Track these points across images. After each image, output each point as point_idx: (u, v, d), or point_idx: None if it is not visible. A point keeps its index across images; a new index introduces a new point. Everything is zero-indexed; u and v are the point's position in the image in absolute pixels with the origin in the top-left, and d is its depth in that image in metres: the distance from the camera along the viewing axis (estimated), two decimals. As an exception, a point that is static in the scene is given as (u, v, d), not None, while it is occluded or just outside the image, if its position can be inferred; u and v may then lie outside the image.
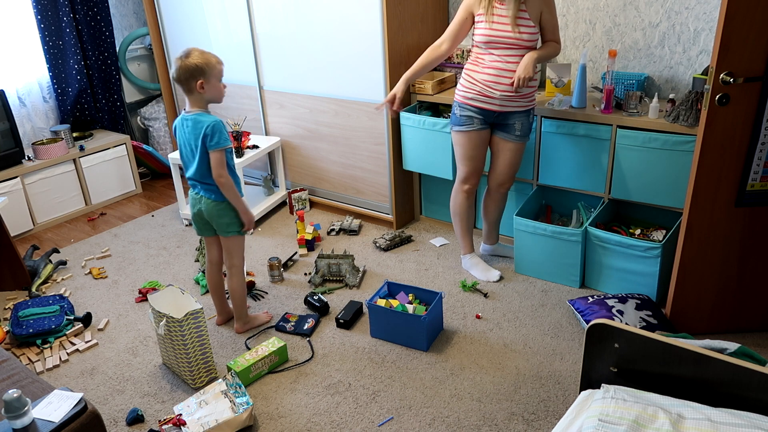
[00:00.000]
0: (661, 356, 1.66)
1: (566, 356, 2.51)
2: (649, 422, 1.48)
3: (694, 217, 2.36)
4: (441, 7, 3.50)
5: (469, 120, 2.80)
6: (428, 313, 2.55)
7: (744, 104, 2.17)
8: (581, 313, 2.66)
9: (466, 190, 2.99)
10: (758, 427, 1.42)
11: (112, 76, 4.53)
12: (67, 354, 2.70)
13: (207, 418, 2.17)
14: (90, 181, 4.22)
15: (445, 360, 2.53)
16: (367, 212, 3.75)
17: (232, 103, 4.17)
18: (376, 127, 3.46)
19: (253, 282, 3.11)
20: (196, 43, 4.18)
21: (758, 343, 2.51)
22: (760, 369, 1.53)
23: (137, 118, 4.88)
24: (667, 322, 2.54)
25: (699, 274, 2.47)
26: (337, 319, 2.79)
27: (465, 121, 2.81)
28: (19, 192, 3.83)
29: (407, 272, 3.20)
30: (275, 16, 3.66)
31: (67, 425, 1.69)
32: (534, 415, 2.22)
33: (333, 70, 3.53)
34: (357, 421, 2.24)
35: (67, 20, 4.15)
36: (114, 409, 2.37)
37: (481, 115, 2.78)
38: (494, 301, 2.91)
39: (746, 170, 2.28)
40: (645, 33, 2.98)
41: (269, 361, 2.51)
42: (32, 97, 4.21)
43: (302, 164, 3.98)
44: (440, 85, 3.39)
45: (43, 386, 1.94)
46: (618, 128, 2.77)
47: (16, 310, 2.86)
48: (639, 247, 2.70)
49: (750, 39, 2.07)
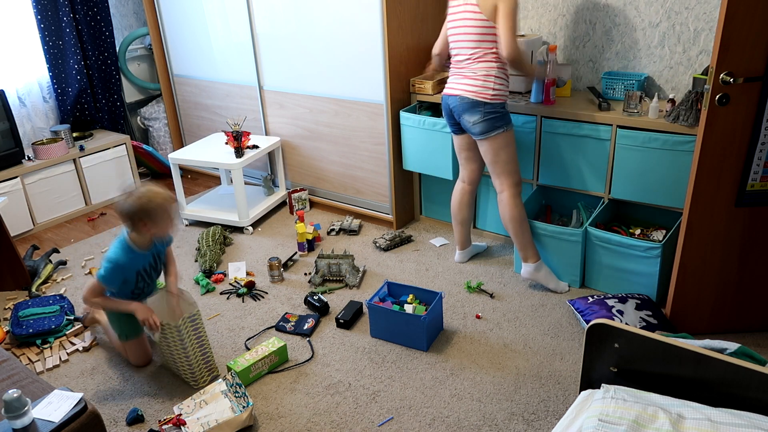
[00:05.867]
0: (661, 356, 1.66)
1: (566, 356, 2.51)
2: (649, 422, 1.48)
3: (694, 217, 2.36)
4: (441, 7, 3.50)
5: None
6: (428, 313, 2.55)
7: (744, 104, 2.17)
8: (581, 313, 2.66)
9: (520, 192, 2.88)
10: (758, 427, 1.42)
11: (112, 76, 4.53)
12: (67, 354, 2.70)
13: (207, 418, 2.17)
14: (90, 181, 4.22)
15: (445, 360, 2.53)
16: (367, 212, 3.75)
17: (232, 103, 4.18)
18: (376, 127, 3.46)
19: (253, 282, 3.11)
20: (196, 42, 4.19)
21: (758, 343, 2.51)
22: (760, 369, 1.53)
23: (137, 118, 4.88)
24: (667, 322, 2.54)
25: (699, 274, 2.47)
26: (337, 319, 2.79)
27: (511, 119, 2.82)
28: (19, 192, 3.83)
29: (407, 272, 3.20)
30: (275, 16, 3.66)
31: (67, 425, 1.69)
32: (534, 415, 2.22)
33: (333, 70, 3.53)
34: (357, 421, 2.24)
35: (67, 20, 4.15)
36: (114, 409, 2.37)
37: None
38: (494, 301, 2.91)
39: (746, 170, 2.28)
40: (645, 33, 2.98)
41: (269, 361, 2.51)
42: (32, 97, 4.21)
43: (302, 164, 3.98)
44: (440, 85, 3.39)
45: (43, 386, 1.94)
46: (618, 128, 2.77)
47: (16, 310, 2.86)
48: (639, 247, 2.70)
49: (750, 39, 2.07)
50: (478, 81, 2.71)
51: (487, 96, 2.70)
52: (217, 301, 3.05)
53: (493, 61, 2.70)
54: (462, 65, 2.77)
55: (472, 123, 2.75)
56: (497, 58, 2.69)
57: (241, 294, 3.08)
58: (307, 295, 2.97)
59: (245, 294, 3.09)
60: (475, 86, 2.71)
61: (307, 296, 2.96)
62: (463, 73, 2.77)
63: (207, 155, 3.77)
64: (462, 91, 2.75)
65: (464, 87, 2.75)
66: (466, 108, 2.75)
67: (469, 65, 2.74)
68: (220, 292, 3.13)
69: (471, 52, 2.71)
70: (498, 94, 2.72)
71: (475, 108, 2.72)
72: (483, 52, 2.69)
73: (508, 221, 2.88)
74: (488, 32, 2.65)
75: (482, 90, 2.70)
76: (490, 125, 2.73)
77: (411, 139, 3.35)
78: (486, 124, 2.73)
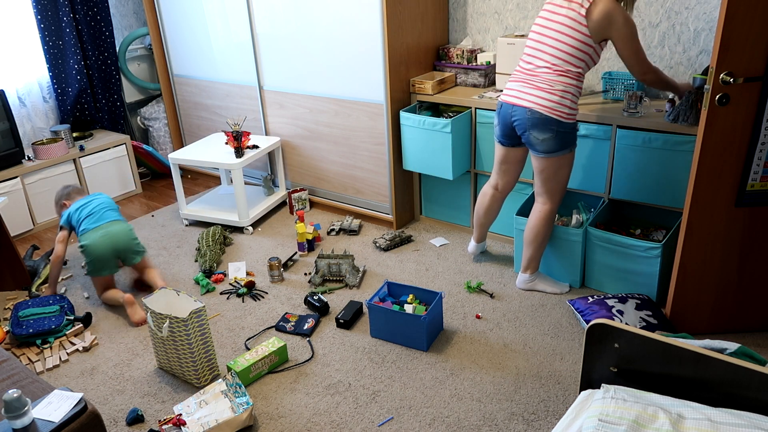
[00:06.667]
0: (661, 356, 1.66)
1: (566, 356, 2.51)
2: (649, 422, 1.48)
3: (694, 217, 2.36)
4: (441, 7, 3.50)
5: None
6: (428, 313, 2.55)
7: (744, 104, 2.17)
8: (581, 313, 2.66)
9: (557, 210, 2.82)
10: (758, 427, 1.42)
11: (112, 76, 4.53)
12: (67, 354, 2.70)
13: (207, 418, 2.17)
14: (90, 181, 4.22)
15: (445, 360, 2.53)
16: (367, 212, 3.75)
17: (232, 103, 4.18)
18: (376, 127, 3.46)
19: (253, 282, 3.11)
20: (196, 42, 4.19)
21: (758, 343, 2.52)
22: (760, 369, 1.53)
23: (137, 118, 4.88)
24: (667, 322, 2.54)
25: (699, 274, 2.47)
26: (337, 319, 2.79)
27: (577, 139, 2.71)
28: (19, 192, 3.83)
29: (407, 272, 3.20)
30: (275, 16, 3.66)
31: (67, 425, 1.69)
32: (534, 415, 2.22)
33: (333, 70, 3.53)
34: (357, 421, 2.24)
35: (67, 20, 4.15)
36: (114, 409, 2.37)
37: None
38: (494, 301, 2.91)
39: (746, 170, 2.28)
40: (645, 33, 2.98)
41: (269, 361, 2.51)
42: (32, 97, 4.21)
43: (302, 164, 3.98)
44: (440, 85, 3.39)
45: (43, 386, 1.94)
46: (618, 128, 2.77)
47: (16, 310, 2.86)
48: (639, 247, 2.70)
49: (750, 39, 2.07)
50: (554, 96, 2.50)
51: (563, 114, 2.51)
52: (217, 301, 3.06)
53: (574, 78, 2.50)
54: (535, 73, 2.55)
55: (541, 140, 2.56)
56: (579, 76, 2.51)
57: (241, 294, 3.08)
58: (307, 295, 2.97)
59: (245, 294, 3.09)
60: (550, 101, 2.50)
61: (307, 296, 2.96)
62: (534, 83, 2.54)
63: (207, 155, 3.77)
64: (534, 104, 2.53)
65: (537, 100, 2.52)
66: (536, 123, 2.53)
67: (544, 75, 2.52)
68: (220, 292, 3.13)
69: (554, 61, 2.49)
70: (573, 113, 2.55)
71: (548, 125, 2.52)
72: (569, 66, 2.48)
73: (534, 233, 2.81)
74: (584, 49, 2.46)
75: (558, 107, 2.50)
76: (559, 144, 2.56)
77: (411, 139, 3.35)
78: (555, 143, 2.56)
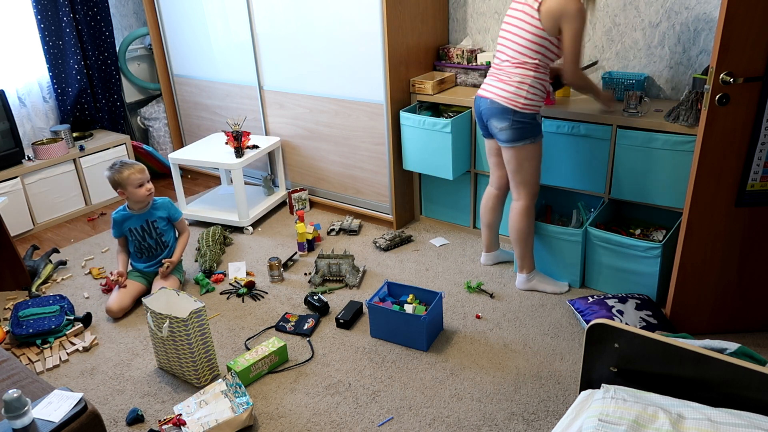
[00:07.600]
0: (661, 356, 1.66)
1: (566, 356, 2.51)
2: (649, 422, 1.48)
3: (694, 217, 2.36)
4: (441, 7, 3.50)
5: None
6: (428, 313, 2.55)
7: (744, 104, 2.17)
8: (581, 313, 2.66)
9: (534, 204, 2.84)
10: (758, 427, 1.42)
11: (112, 76, 4.53)
12: (67, 354, 2.70)
13: (207, 418, 2.17)
14: (90, 181, 4.22)
15: (445, 360, 2.53)
16: (367, 212, 3.75)
17: (232, 103, 4.18)
18: (376, 127, 3.46)
19: (253, 282, 3.11)
20: (196, 42, 4.19)
21: (758, 343, 2.51)
22: (760, 369, 1.53)
23: (137, 118, 4.88)
24: (667, 322, 2.54)
25: (699, 274, 2.47)
26: (337, 319, 2.79)
27: (541, 131, 2.73)
28: (19, 192, 3.83)
29: (407, 272, 3.20)
30: (275, 16, 3.66)
31: (67, 425, 1.69)
32: (534, 415, 2.22)
33: (333, 70, 3.53)
34: (357, 421, 2.24)
35: (67, 20, 4.15)
36: (114, 409, 2.37)
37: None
38: (494, 301, 2.91)
39: (746, 170, 2.28)
40: (645, 33, 2.98)
41: (269, 361, 2.51)
42: (32, 97, 4.21)
43: (302, 164, 3.98)
44: (440, 85, 3.39)
45: (43, 386, 1.94)
46: (618, 128, 2.77)
47: (16, 310, 2.86)
48: (639, 247, 2.70)
49: (750, 39, 2.07)
50: (511, 87, 2.60)
51: (518, 104, 2.59)
52: (217, 301, 3.05)
53: (531, 70, 2.57)
54: (500, 67, 2.67)
55: (499, 129, 2.66)
56: (537, 68, 2.57)
57: (241, 294, 3.08)
58: (307, 295, 2.97)
59: (245, 294, 3.09)
60: (507, 92, 2.61)
61: (307, 296, 2.96)
62: (498, 76, 2.66)
63: (207, 155, 3.77)
64: (493, 94, 2.65)
65: (496, 91, 2.65)
66: (494, 113, 2.65)
67: (506, 68, 2.63)
68: (220, 292, 3.13)
69: (513, 54, 2.60)
70: (530, 104, 2.60)
71: (504, 114, 2.62)
72: (525, 58, 2.57)
73: (515, 230, 2.85)
74: (538, 42, 2.53)
75: (514, 97, 2.59)
76: (518, 134, 2.64)
77: (411, 139, 3.35)
78: (513, 133, 2.63)
